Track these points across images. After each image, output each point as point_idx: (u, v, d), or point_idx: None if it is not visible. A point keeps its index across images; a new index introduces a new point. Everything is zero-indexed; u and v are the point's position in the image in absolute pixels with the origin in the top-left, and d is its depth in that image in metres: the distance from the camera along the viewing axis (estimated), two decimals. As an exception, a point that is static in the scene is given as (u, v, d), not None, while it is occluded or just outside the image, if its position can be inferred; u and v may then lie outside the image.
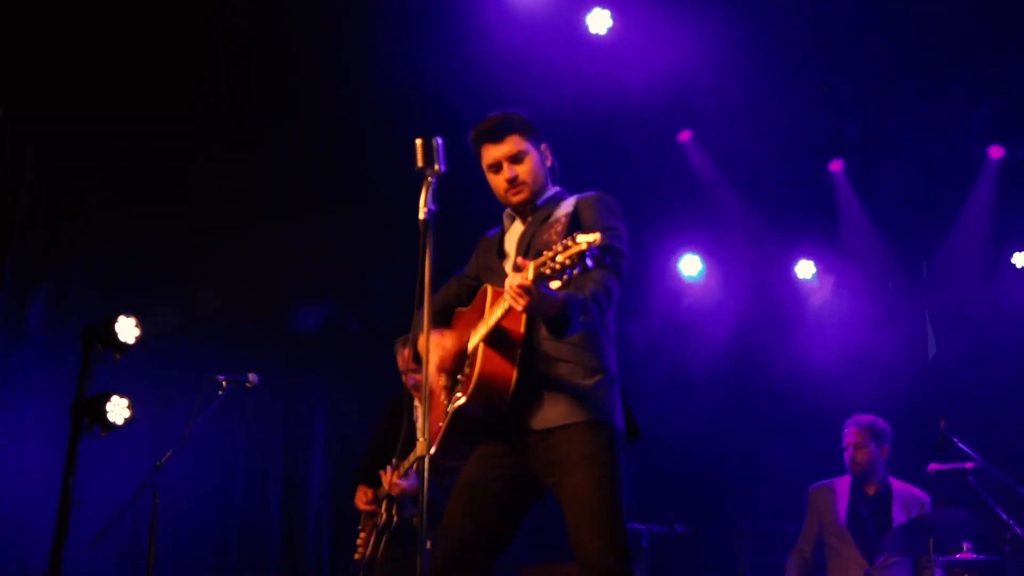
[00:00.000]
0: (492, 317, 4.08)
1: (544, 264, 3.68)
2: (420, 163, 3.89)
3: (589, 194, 4.44)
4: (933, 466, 7.07)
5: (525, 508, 4.32)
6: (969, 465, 7.00)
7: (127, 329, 7.43)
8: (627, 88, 8.92)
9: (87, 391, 6.74)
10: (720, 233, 10.43)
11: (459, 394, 4.16)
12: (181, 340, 8.49)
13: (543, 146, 4.57)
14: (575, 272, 3.63)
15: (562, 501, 4.13)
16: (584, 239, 3.58)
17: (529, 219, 4.47)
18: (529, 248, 4.30)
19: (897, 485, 7.43)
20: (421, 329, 3.80)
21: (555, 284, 3.70)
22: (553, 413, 4.15)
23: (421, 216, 3.83)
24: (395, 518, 6.57)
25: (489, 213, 4.78)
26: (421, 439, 3.74)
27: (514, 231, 4.55)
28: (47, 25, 7.61)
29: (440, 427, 4.26)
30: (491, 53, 8.46)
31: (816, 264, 10.76)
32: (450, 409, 4.19)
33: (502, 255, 4.51)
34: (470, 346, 4.24)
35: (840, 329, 10.33)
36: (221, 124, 8.52)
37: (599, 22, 8.68)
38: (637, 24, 8.70)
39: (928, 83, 9.16)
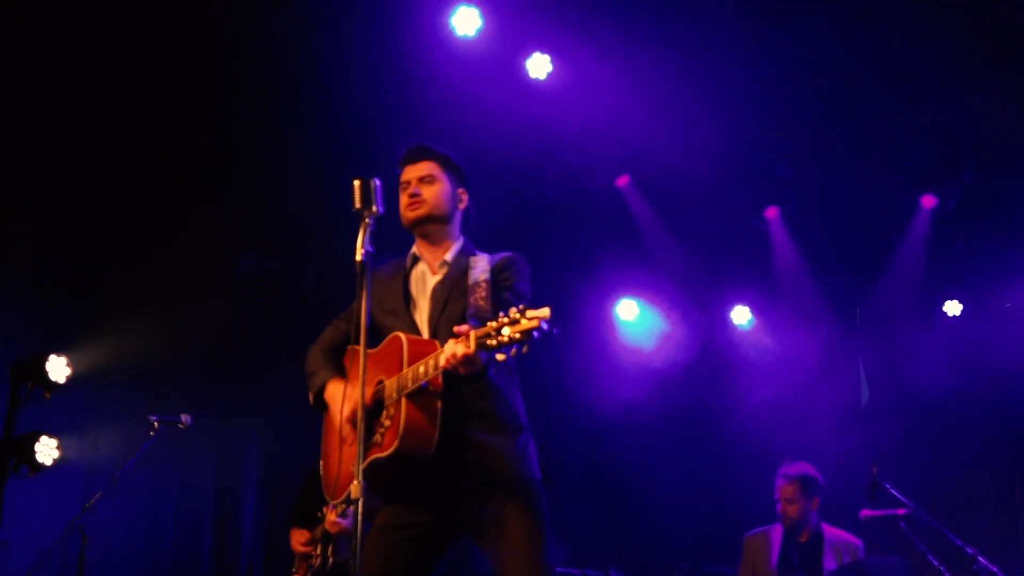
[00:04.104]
0: (418, 372, 4.01)
1: (489, 336, 3.69)
2: (358, 204, 3.87)
3: (502, 255, 4.44)
4: (865, 512, 7.10)
5: (443, 554, 4.30)
6: (901, 511, 7.04)
7: (58, 368, 7.36)
8: (566, 132, 9.00)
9: (16, 430, 6.66)
10: (657, 278, 10.48)
11: (378, 446, 4.11)
12: (112, 378, 8.36)
13: (461, 190, 4.62)
14: (524, 349, 3.63)
15: (497, 557, 4.13)
16: (535, 315, 3.59)
17: (442, 272, 4.44)
18: (445, 306, 4.29)
19: (829, 531, 7.46)
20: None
21: (501, 357, 3.71)
22: (481, 473, 4.15)
23: (358, 257, 3.81)
24: (331, 560, 6.51)
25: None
26: (356, 481, 3.71)
27: (420, 276, 4.51)
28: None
29: (355, 472, 4.21)
30: (432, 93, 8.50)
31: (751, 310, 10.85)
32: (370, 458, 4.11)
33: (408, 299, 4.45)
34: (387, 395, 4.17)
35: (774, 374, 10.40)
36: (153, 161, 8.46)
37: (539, 67, 8.74)
38: (576, 70, 8.77)
39: (861, 131, 9.29)
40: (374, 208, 3.87)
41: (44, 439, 7.13)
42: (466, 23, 8.33)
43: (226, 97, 8.49)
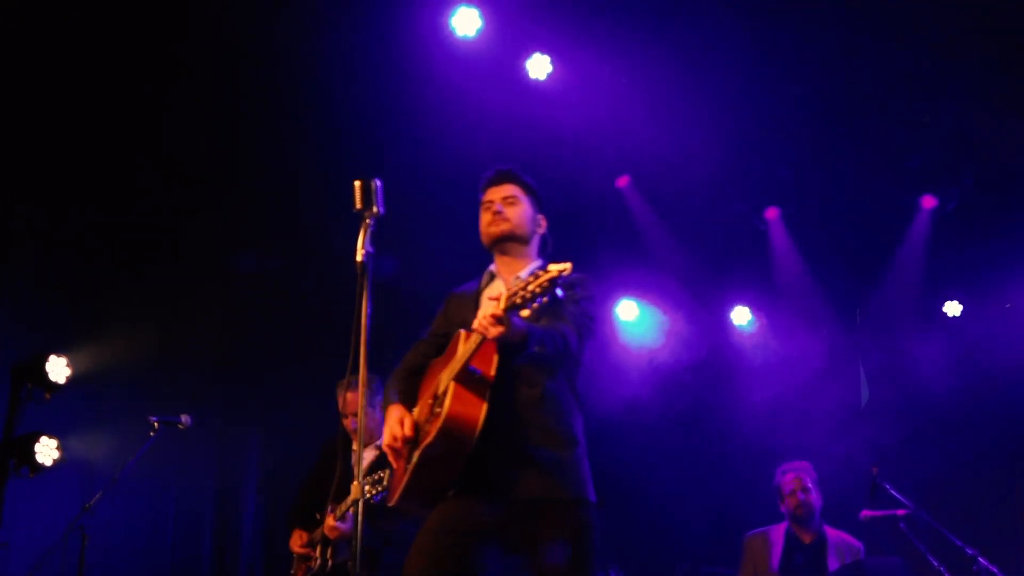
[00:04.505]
0: (463, 354, 4.11)
1: (516, 294, 3.79)
2: (359, 205, 3.88)
3: (576, 274, 4.50)
4: (865, 513, 7.10)
5: (489, 563, 4.29)
6: (901, 512, 7.03)
7: (58, 368, 7.36)
8: (566, 133, 8.98)
9: (15, 431, 6.65)
10: (657, 278, 10.48)
11: (428, 435, 4.13)
12: (112, 379, 8.36)
13: (540, 216, 4.77)
14: (544, 300, 3.74)
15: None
16: (555, 267, 3.70)
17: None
18: None
19: (832, 533, 7.45)
20: (358, 372, 3.77)
21: (525, 313, 3.82)
22: (531, 484, 4.15)
23: (359, 258, 3.81)
24: (329, 562, 6.51)
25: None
26: (356, 483, 3.71)
27: (494, 291, 4.53)
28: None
29: (407, 471, 4.24)
30: (432, 94, 8.49)
31: (751, 310, 10.84)
32: (418, 451, 4.15)
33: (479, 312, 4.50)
34: (440, 388, 4.23)
35: (774, 375, 10.39)
36: (153, 161, 8.46)
37: (539, 67, 8.73)
38: (576, 70, 8.77)
39: (862, 132, 9.29)
40: (375, 209, 3.88)
41: (44, 440, 7.13)
42: (466, 24, 8.32)
43: (226, 97, 8.48)
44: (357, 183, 3.90)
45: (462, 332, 4.26)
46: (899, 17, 8.16)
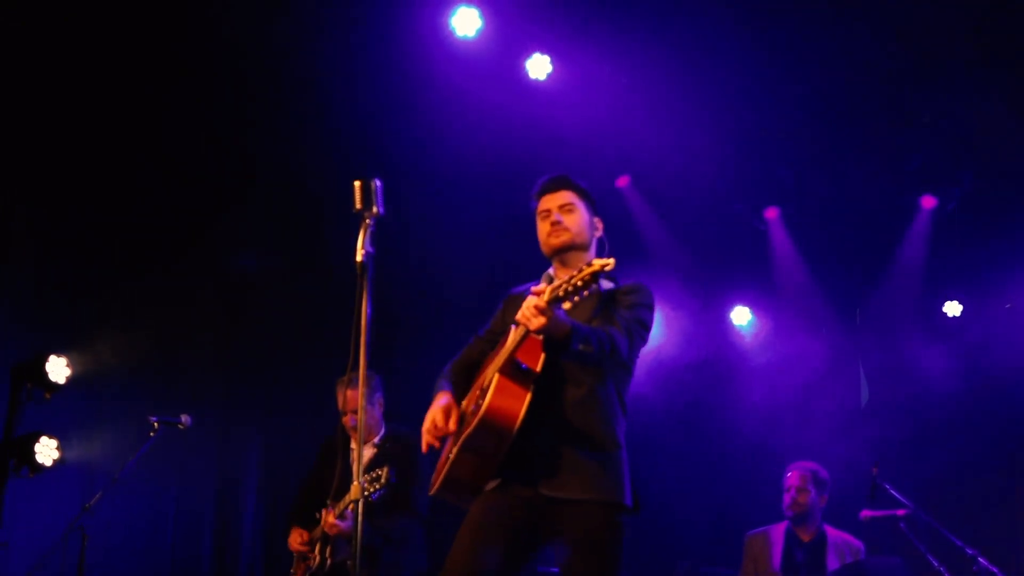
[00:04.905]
0: (509, 346, 4.16)
1: (559, 287, 3.83)
2: (358, 205, 3.88)
3: (633, 281, 4.64)
4: (865, 513, 7.11)
5: (527, 558, 4.32)
6: (901, 512, 7.04)
7: (58, 369, 7.36)
8: (566, 133, 8.98)
9: (15, 431, 6.64)
10: (657, 279, 10.45)
11: (469, 426, 4.17)
12: (112, 379, 8.36)
13: (597, 219, 4.82)
14: (586, 293, 3.79)
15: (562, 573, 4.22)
16: (599, 262, 3.75)
17: None
18: None
19: (832, 533, 7.46)
20: (358, 370, 3.77)
21: (566, 305, 3.86)
22: (568, 482, 4.19)
23: (358, 258, 3.81)
24: (328, 561, 6.51)
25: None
26: (356, 482, 3.72)
27: None
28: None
29: (449, 459, 4.28)
30: (433, 94, 8.50)
31: (751, 310, 10.84)
32: (460, 439, 4.19)
33: None
34: (486, 382, 4.27)
35: (775, 374, 10.39)
36: (153, 161, 8.46)
37: (539, 67, 8.74)
38: (576, 70, 8.77)
39: (862, 133, 9.29)
40: (375, 209, 3.88)
41: (44, 440, 7.12)
42: (466, 24, 8.33)
43: (226, 97, 8.49)
44: (357, 183, 3.90)
45: (512, 328, 4.29)
46: (899, 17, 8.17)
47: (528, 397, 4.10)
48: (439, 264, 9.45)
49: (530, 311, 3.91)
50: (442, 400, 4.42)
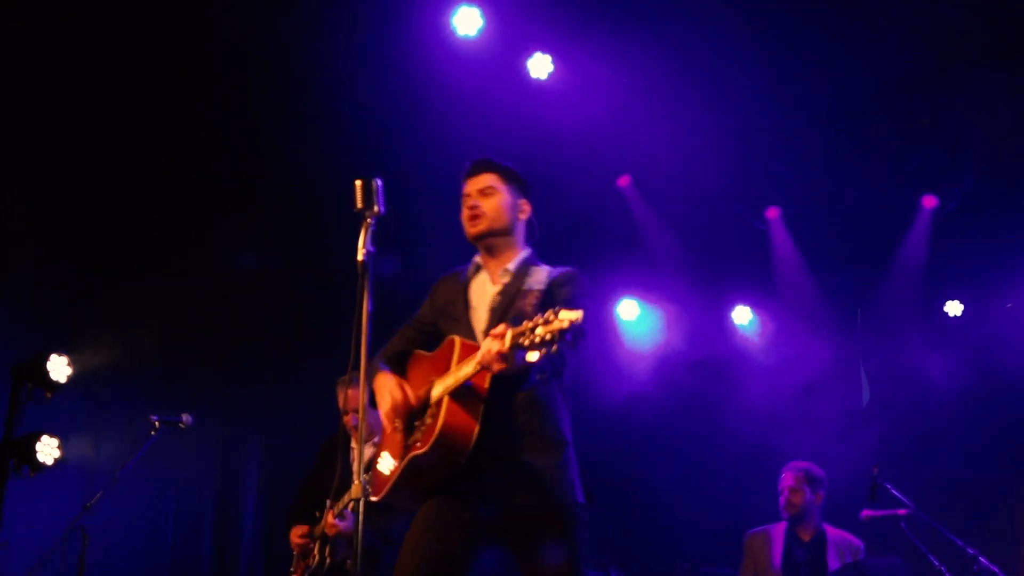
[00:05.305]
0: (460, 372, 4.07)
1: (523, 335, 3.72)
2: (359, 204, 3.87)
3: (564, 270, 4.48)
4: (866, 513, 7.11)
5: (476, 562, 4.28)
6: (901, 512, 7.04)
7: (59, 368, 7.36)
8: (567, 132, 8.97)
9: (16, 431, 6.64)
10: (658, 278, 10.47)
11: (419, 443, 4.13)
12: (113, 378, 8.36)
13: (522, 201, 4.65)
14: (554, 348, 3.65)
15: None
16: (567, 316, 3.61)
17: (503, 282, 4.47)
18: (504, 315, 4.27)
19: (832, 532, 7.46)
20: (359, 370, 3.77)
21: (533, 356, 3.74)
22: (523, 491, 4.14)
23: (359, 257, 3.81)
24: (328, 560, 6.50)
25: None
26: (357, 481, 3.71)
27: (481, 284, 4.55)
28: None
29: (395, 470, 4.24)
30: (434, 93, 8.49)
31: (752, 310, 10.84)
32: (408, 456, 4.15)
33: (467, 306, 4.49)
34: (433, 394, 4.21)
35: (775, 374, 10.39)
36: (153, 161, 8.46)
37: (540, 67, 8.73)
38: (577, 70, 8.76)
39: (862, 132, 9.29)
40: (376, 208, 3.88)
41: (45, 439, 7.12)
42: (467, 23, 8.32)
43: (226, 97, 8.48)
44: (358, 183, 3.90)
45: (457, 341, 4.24)
46: (899, 17, 8.16)
47: (478, 426, 4.05)
48: (439, 264, 9.44)
49: (491, 356, 3.83)
50: (390, 379, 4.36)
